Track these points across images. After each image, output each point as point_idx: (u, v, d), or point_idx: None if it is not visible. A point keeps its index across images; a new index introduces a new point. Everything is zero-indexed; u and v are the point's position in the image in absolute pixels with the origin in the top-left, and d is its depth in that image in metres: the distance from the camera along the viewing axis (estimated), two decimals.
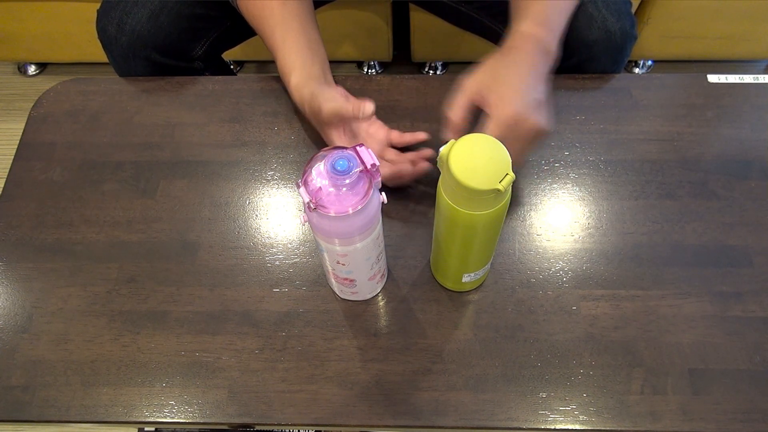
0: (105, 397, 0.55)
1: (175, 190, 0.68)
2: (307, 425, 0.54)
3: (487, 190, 0.42)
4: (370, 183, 0.44)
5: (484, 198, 0.43)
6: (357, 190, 0.43)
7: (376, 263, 0.54)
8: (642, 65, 1.62)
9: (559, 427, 0.54)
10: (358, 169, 0.43)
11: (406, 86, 0.75)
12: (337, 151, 0.43)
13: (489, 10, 0.85)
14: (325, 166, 0.43)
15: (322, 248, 0.51)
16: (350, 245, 0.48)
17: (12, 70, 1.67)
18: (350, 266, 0.52)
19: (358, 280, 0.55)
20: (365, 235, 0.48)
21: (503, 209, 0.46)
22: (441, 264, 0.58)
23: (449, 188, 0.45)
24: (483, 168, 0.42)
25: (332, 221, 0.44)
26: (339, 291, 0.59)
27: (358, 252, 0.50)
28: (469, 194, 0.43)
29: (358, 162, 0.43)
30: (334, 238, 0.47)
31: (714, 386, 0.55)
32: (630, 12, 0.78)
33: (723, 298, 0.59)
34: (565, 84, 0.75)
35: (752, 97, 0.73)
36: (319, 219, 0.45)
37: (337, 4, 1.03)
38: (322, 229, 0.46)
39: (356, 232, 0.46)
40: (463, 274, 0.56)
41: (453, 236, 0.50)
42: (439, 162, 0.45)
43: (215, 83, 0.77)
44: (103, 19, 0.78)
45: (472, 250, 0.52)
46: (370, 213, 0.46)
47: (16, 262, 0.63)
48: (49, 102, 0.75)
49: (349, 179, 0.42)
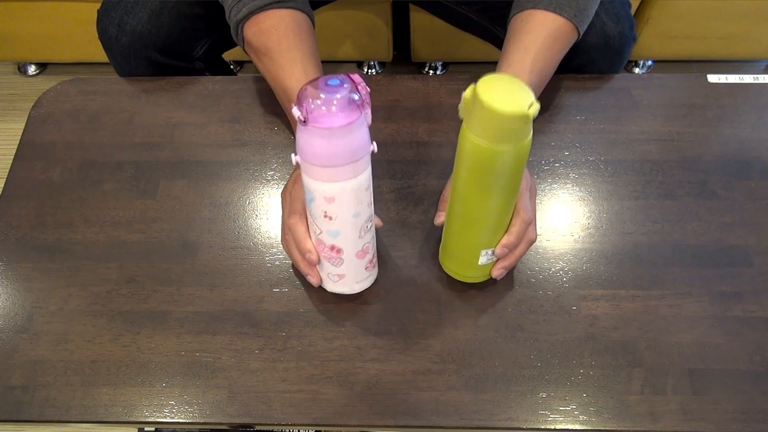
0: (105, 397, 0.55)
1: (175, 190, 0.68)
2: (307, 425, 0.54)
3: (518, 115, 0.44)
4: (360, 108, 0.46)
5: (514, 128, 0.45)
6: (347, 110, 0.45)
7: (365, 230, 0.53)
8: (642, 65, 1.62)
9: (559, 427, 0.54)
10: (349, 87, 0.45)
11: (406, 86, 0.75)
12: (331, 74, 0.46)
13: (488, 12, 0.85)
14: (318, 85, 0.45)
15: (310, 198, 0.50)
16: (337, 181, 0.48)
17: (12, 70, 1.67)
18: (337, 221, 0.51)
19: (346, 250, 0.54)
20: (353, 169, 0.48)
21: (526, 149, 0.47)
22: (457, 244, 0.58)
23: (476, 124, 0.46)
24: (510, 97, 0.44)
25: (322, 139, 0.45)
26: (326, 276, 0.58)
27: (346, 197, 0.49)
28: (500, 122, 0.44)
29: (350, 83, 0.45)
30: (321, 172, 0.48)
31: (714, 386, 0.55)
32: (629, 14, 0.78)
33: (723, 298, 0.59)
34: (565, 84, 0.75)
35: (752, 97, 0.73)
36: (308, 139, 0.46)
37: (337, 4, 1.03)
38: (311, 153, 0.47)
39: (346, 159, 0.47)
40: (481, 252, 0.56)
41: (476, 186, 0.51)
42: (461, 109, 0.47)
43: (215, 83, 0.77)
44: (104, 20, 0.78)
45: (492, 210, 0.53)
46: (359, 138, 0.47)
47: (16, 262, 0.63)
48: (49, 102, 0.76)
49: (339, 94, 0.45)
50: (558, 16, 0.65)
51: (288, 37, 0.66)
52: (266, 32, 0.66)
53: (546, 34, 0.65)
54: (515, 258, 0.58)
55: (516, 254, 0.58)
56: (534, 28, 0.65)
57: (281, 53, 0.65)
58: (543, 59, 0.64)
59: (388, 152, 0.70)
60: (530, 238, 0.58)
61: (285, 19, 0.66)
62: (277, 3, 0.66)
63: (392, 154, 0.70)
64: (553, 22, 0.65)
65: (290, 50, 0.65)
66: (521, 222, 0.56)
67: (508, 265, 0.58)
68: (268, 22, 0.66)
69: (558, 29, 0.65)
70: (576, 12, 0.65)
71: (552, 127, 0.71)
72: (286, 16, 0.66)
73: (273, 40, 0.66)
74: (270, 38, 0.66)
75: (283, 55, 0.65)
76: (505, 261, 0.58)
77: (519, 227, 0.56)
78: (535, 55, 0.63)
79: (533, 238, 0.58)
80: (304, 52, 0.66)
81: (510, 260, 0.58)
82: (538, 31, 0.65)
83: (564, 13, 0.65)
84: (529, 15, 0.66)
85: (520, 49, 0.64)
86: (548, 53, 0.65)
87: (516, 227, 0.56)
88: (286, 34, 0.66)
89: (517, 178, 0.51)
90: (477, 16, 0.87)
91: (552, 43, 0.65)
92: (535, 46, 0.64)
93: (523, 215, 0.56)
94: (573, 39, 0.68)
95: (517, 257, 0.58)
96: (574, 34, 0.67)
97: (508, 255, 0.57)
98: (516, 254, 0.58)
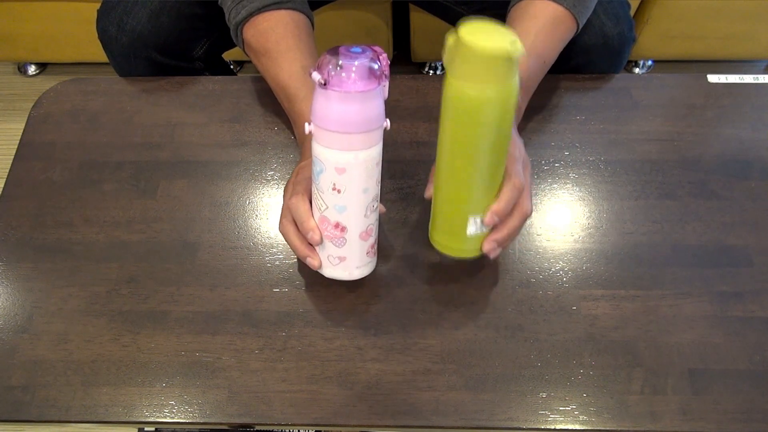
0: (105, 397, 0.55)
1: (175, 190, 0.68)
2: (307, 425, 0.54)
3: (503, 51, 0.43)
4: (378, 79, 0.46)
5: (498, 67, 0.44)
6: (366, 78, 0.45)
7: (370, 211, 0.53)
8: (642, 65, 1.62)
9: (559, 427, 0.54)
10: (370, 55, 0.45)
11: (406, 86, 0.75)
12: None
13: (487, 12, 0.84)
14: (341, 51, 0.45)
15: (320, 169, 0.50)
16: (350, 150, 0.48)
17: (12, 70, 1.67)
18: (345, 195, 0.50)
19: (350, 229, 0.53)
20: (366, 139, 0.48)
21: (513, 91, 0.47)
22: (445, 213, 0.55)
23: (459, 68, 0.46)
24: (493, 37, 0.44)
25: (339, 104, 0.46)
26: (326, 260, 0.56)
27: (357, 168, 0.49)
28: (484, 60, 0.44)
29: (371, 52, 0.46)
30: (335, 139, 0.48)
31: (714, 386, 0.55)
32: (628, 15, 0.78)
33: (723, 298, 0.59)
34: (565, 84, 0.75)
35: (752, 97, 0.73)
36: (325, 103, 0.46)
37: (337, 4, 1.03)
38: (327, 118, 0.47)
39: (359, 127, 0.47)
40: (470, 219, 0.53)
41: (461, 140, 0.49)
42: (444, 57, 0.46)
43: (215, 83, 0.77)
44: (104, 20, 0.78)
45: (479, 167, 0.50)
46: (374, 109, 0.47)
47: (16, 262, 0.63)
48: (49, 102, 0.75)
49: (359, 60, 0.45)
50: (557, 5, 0.65)
51: (287, 37, 0.66)
52: (265, 33, 0.66)
53: (545, 20, 0.65)
54: (507, 232, 0.53)
55: (508, 227, 0.53)
56: (533, 14, 0.65)
57: (280, 53, 0.66)
58: (543, 44, 0.64)
59: (388, 152, 0.69)
60: (524, 210, 0.53)
61: (283, 20, 0.67)
62: (276, 4, 0.66)
63: (392, 154, 0.70)
64: (552, 10, 0.65)
65: (289, 50, 0.66)
66: (512, 188, 0.52)
67: (500, 239, 0.54)
68: (267, 23, 0.66)
69: (557, 17, 0.65)
70: (575, 2, 0.65)
71: (552, 127, 0.71)
72: (285, 17, 0.67)
73: (272, 41, 0.66)
74: (269, 39, 0.66)
75: (282, 56, 0.66)
76: (496, 233, 0.54)
77: (510, 193, 0.52)
78: (535, 40, 0.64)
79: (527, 209, 0.54)
80: (303, 52, 0.66)
81: (501, 233, 0.53)
82: (537, 18, 0.65)
83: (563, 2, 0.65)
84: (527, 4, 0.66)
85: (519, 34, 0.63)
86: (548, 39, 0.65)
87: (506, 193, 0.52)
88: (285, 35, 0.66)
89: (504, 131, 0.48)
90: (476, 16, 0.87)
91: (552, 29, 0.65)
92: (535, 30, 0.64)
93: (515, 180, 0.52)
94: (572, 30, 0.68)
95: (510, 232, 0.54)
96: (573, 25, 0.67)
97: (500, 227, 0.53)
98: (508, 227, 0.53)
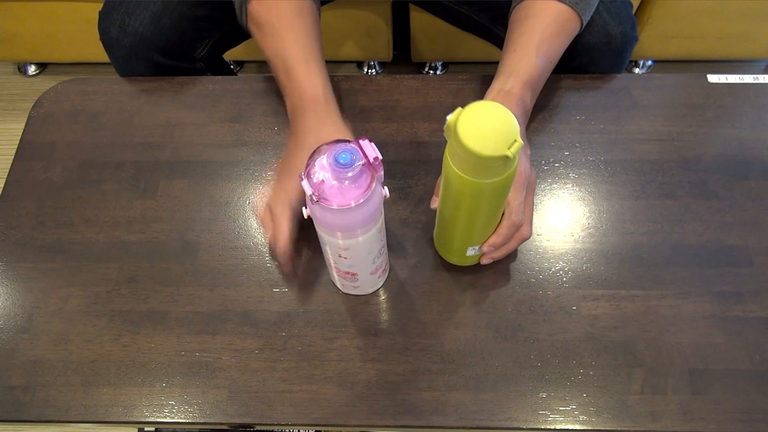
0: (105, 397, 0.55)
1: (175, 190, 0.68)
2: (307, 425, 0.54)
3: (496, 157, 0.42)
4: (372, 176, 0.44)
5: (493, 165, 0.43)
6: (359, 183, 0.44)
7: (378, 257, 0.54)
8: (642, 65, 1.62)
9: (559, 427, 0.54)
10: (361, 163, 0.43)
11: (406, 86, 0.75)
12: (340, 144, 0.44)
13: (488, 12, 0.85)
14: (328, 159, 0.43)
15: (324, 241, 0.51)
16: (352, 238, 0.48)
17: (12, 70, 1.67)
18: (352, 260, 0.52)
19: (360, 274, 0.55)
20: (367, 228, 0.48)
21: (510, 177, 0.46)
22: (446, 237, 0.58)
23: (457, 156, 0.44)
24: (491, 134, 0.42)
25: (334, 214, 0.45)
26: (341, 285, 0.59)
27: (360, 245, 0.50)
28: (478, 161, 0.42)
29: (360, 155, 0.43)
30: (336, 231, 0.47)
31: (714, 386, 0.55)
32: (631, 14, 0.78)
33: (723, 298, 0.59)
34: (566, 84, 0.75)
35: (752, 97, 0.73)
36: (321, 212, 0.45)
37: (337, 4, 1.03)
38: (325, 222, 0.46)
39: (358, 225, 0.47)
40: (468, 247, 0.57)
41: (459, 207, 0.50)
42: (446, 131, 0.45)
43: (215, 83, 0.77)
44: (105, 21, 0.78)
45: (477, 222, 0.52)
46: (372, 206, 0.46)
47: (16, 262, 0.63)
48: (49, 102, 0.75)
49: (351, 172, 0.43)
50: (561, 4, 0.65)
51: (291, 13, 0.66)
52: (270, 8, 0.66)
53: (550, 19, 0.65)
54: (505, 251, 0.59)
55: (506, 248, 0.59)
56: (537, 14, 0.65)
57: (283, 27, 0.66)
58: (548, 43, 0.65)
59: (388, 152, 0.70)
60: (522, 235, 0.58)
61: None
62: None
63: (392, 154, 0.70)
64: (557, 9, 0.65)
65: (292, 25, 0.66)
66: (510, 225, 0.56)
67: (496, 257, 0.59)
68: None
69: (561, 15, 0.65)
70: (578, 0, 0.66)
71: (552, 127, 0.71)
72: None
73: (274, 14, 0.66)
74: (271, 13, 0.66)
75: (285, 28, 0.66)
76: (493, 252, 0.59)
77: (507, 230, 0.56)
78: (540, 39, 0.64)
79: (526, 235, 0.58)
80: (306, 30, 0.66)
81: (499, 252, 0.59)
82: (542, 17, 0.65)
83: (566, 0, 0.65)
84: (531, 3, 0.66)
85: (524, 34, 0.64)
86: (554, 38, 0.65)
87: (504, 229, 0.56)
88: (290, 10, 0.66)
89: (502, 198, 0.50)
90: (477, 15, 0.87)
91: (557, 28, 0.65)
92: (540, 30, 0.64)
93: (514, 218, 0.56)
94: (576, 28, 0.68)
95: (507, 251, 0.59)
96: (576, 23, 0.67)
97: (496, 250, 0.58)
98: (506, 248, 0.59)
